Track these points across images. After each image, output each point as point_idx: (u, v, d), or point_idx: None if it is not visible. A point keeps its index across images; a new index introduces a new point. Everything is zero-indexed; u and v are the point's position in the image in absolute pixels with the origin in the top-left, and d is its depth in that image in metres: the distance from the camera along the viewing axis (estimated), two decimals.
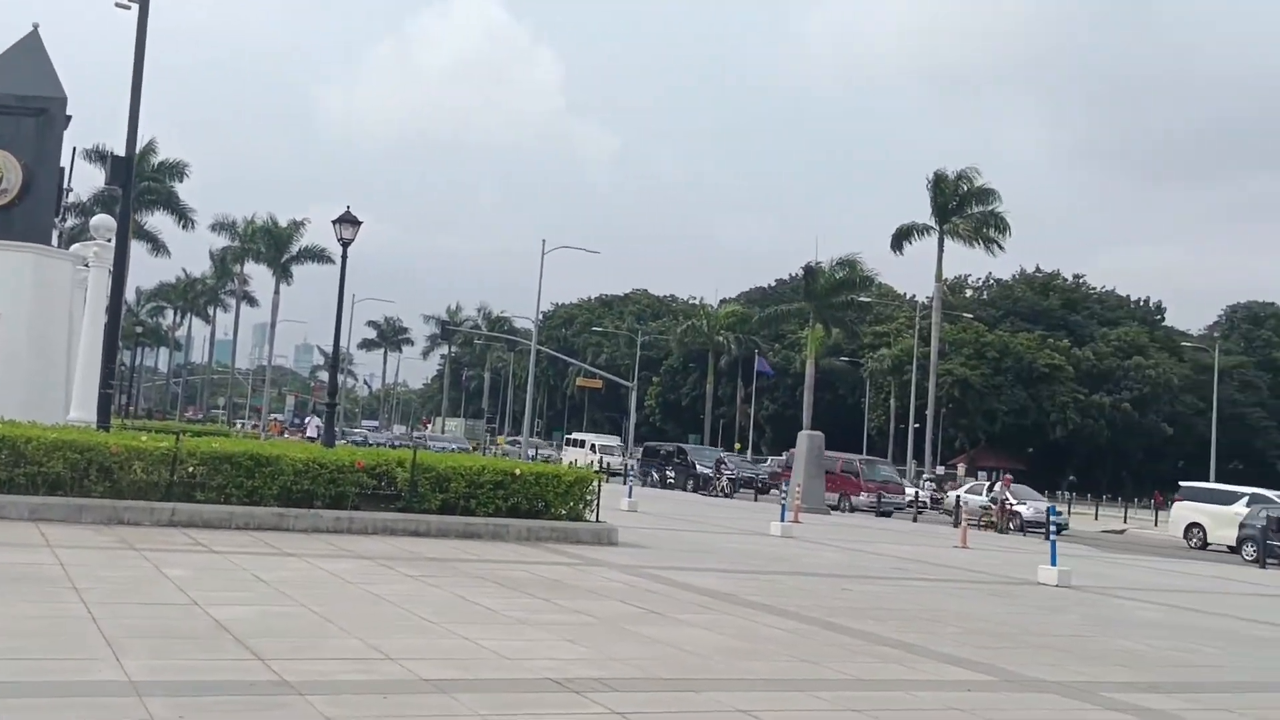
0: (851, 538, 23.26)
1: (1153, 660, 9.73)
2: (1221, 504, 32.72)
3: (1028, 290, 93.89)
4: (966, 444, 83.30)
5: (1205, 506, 33.12)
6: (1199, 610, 14.52)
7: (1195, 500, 34.15)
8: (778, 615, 10.40)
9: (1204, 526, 32.70)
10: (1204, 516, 32.81)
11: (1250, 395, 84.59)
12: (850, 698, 6.98)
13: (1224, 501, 33.00)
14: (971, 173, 54.00)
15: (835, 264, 57.58)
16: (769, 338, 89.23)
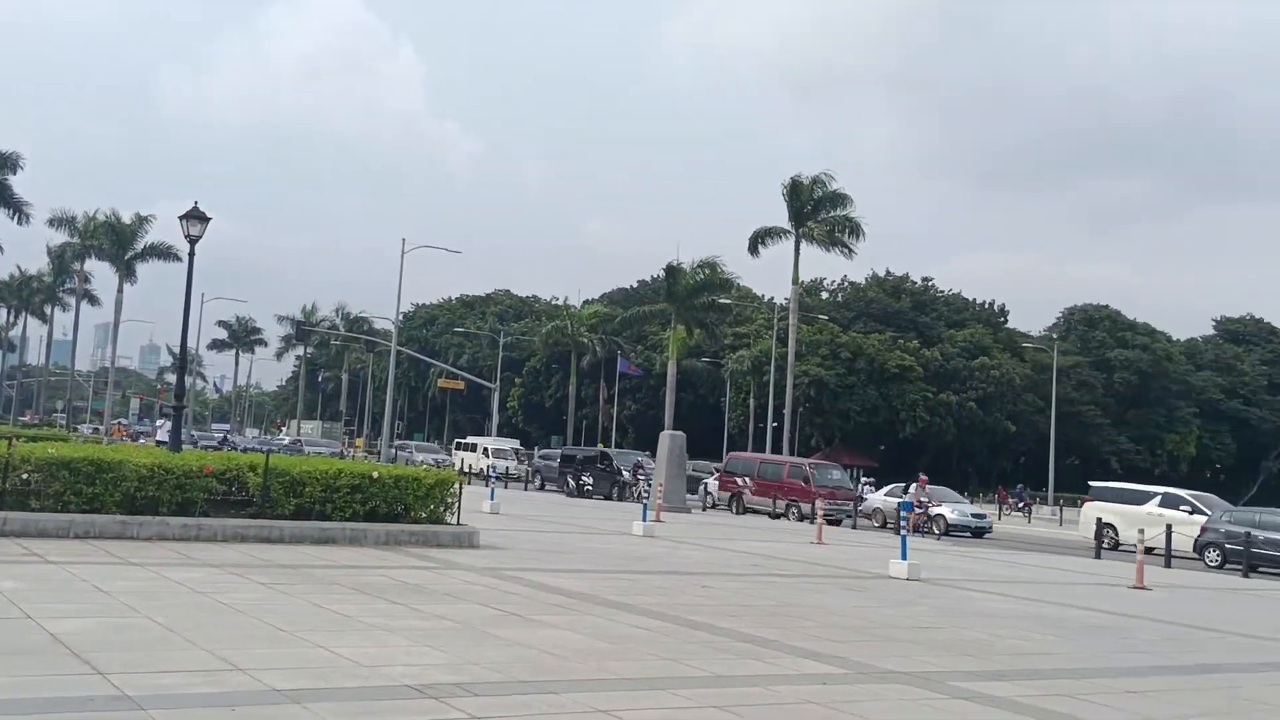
0: (712, 536, 23.55)
1: (998, 649, 10.11)
2: (1133, 504, 31.87)
3: (880, 293, 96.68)
4: (822, 442, 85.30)
5: (1116, 506, 32.17)
6: (1043, 600, 15.16)
7: (1106, 500, 33.25)
8: (639, 614, 10.44)
9: (1115, 527, 31.61)
10: (1115, 516, 31.86)
11: (1085, 394, 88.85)
12: (711, 694, 7.05)
13: (1135, 501, 32.22)
14: (826, 178, 55.26)
15: (696, 265, 58.27)
16: (632, 339, 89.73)
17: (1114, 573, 20.85)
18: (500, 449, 58.77)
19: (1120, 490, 34.64)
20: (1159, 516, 29.70)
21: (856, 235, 55.54)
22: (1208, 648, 11.56)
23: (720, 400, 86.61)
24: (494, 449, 58.17)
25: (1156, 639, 11.89)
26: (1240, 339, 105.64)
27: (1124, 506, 31.86)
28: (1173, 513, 30.27)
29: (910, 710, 7.09)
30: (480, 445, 60.08)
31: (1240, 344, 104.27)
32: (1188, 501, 31.17)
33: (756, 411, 78.27)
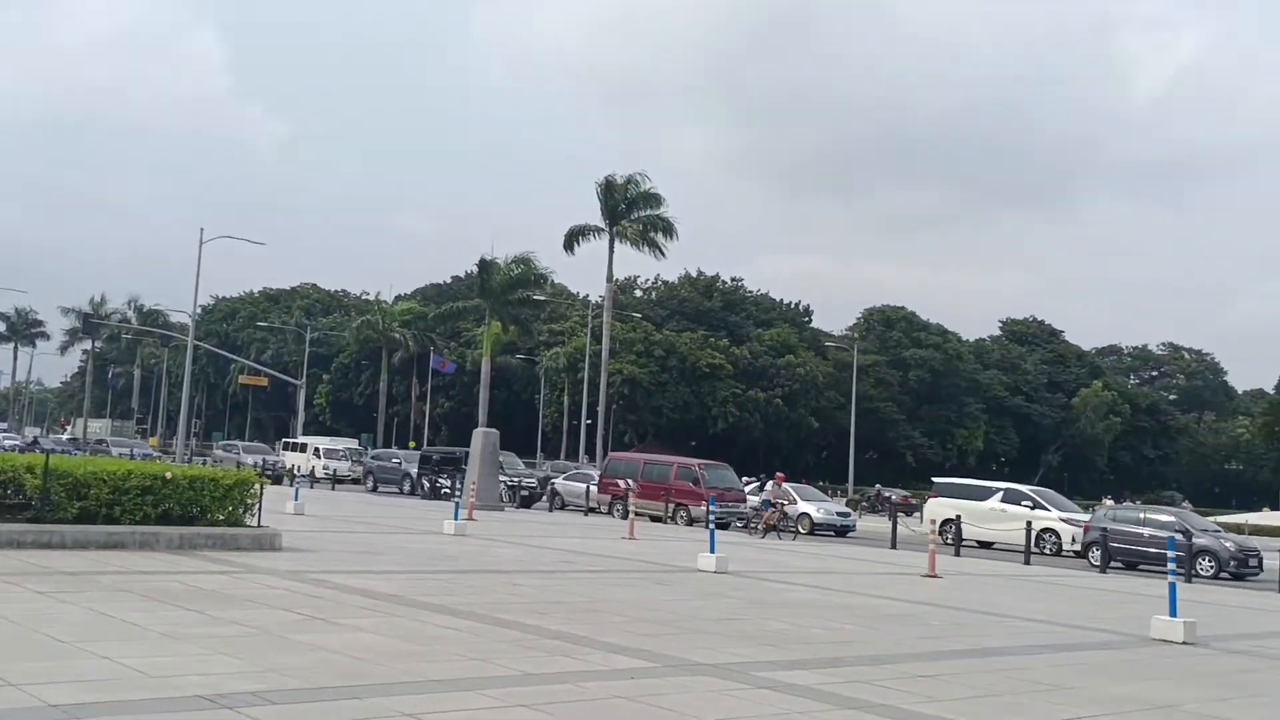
0: (524, 533, 23.47)
1: (801, 639, 10.44)
2: (976, 499, 31.91)
3: (692, 292, 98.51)
4: (635, 439, 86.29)
5: (960, 502, 31.87)
6: (845, 590, 15.75)
7: (949, 496, 33.11)
8: (448, 614, 10.29)
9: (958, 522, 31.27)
10: (958, 512, 30.90)
11: (883, 391, 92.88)
12: (520, 693, 7.01)
13: (978, 497, 32.25)
14: (640, 178, 55.95)
15: (511, 261, 58.00)
16: (446, 335, 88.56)
17: (909, 562, 21.83)
18: (334, 449, 54.84)
19: (963, 486, 34.77)
20: (1002, 511, 30.06)
21: (669, 234, 56.46)
22: (992, 632, 12.24)
23: (535, 397, 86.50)
24: (326, 449, 54.38)
25: (946, 624, 12.52)
26: (1023, 340, 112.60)
27: (967, 502, 31.81)
28: (1015, 508, 30.66)
29: (715, 701, 7.22)
30: (311, 445, 55.72)
31: (1023, 344, 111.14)
32: (1029, 497, 31.64)
33: (571, 409, 78.50)
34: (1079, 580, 20.99)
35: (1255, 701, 8.73)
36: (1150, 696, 8.57)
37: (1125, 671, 9.87)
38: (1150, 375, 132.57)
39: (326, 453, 53.34)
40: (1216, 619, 14.83)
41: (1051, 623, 13.34)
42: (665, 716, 6.68)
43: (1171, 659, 10.87)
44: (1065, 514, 31.39)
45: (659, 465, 35.63)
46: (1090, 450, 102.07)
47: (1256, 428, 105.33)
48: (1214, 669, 10.41)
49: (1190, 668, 10.37)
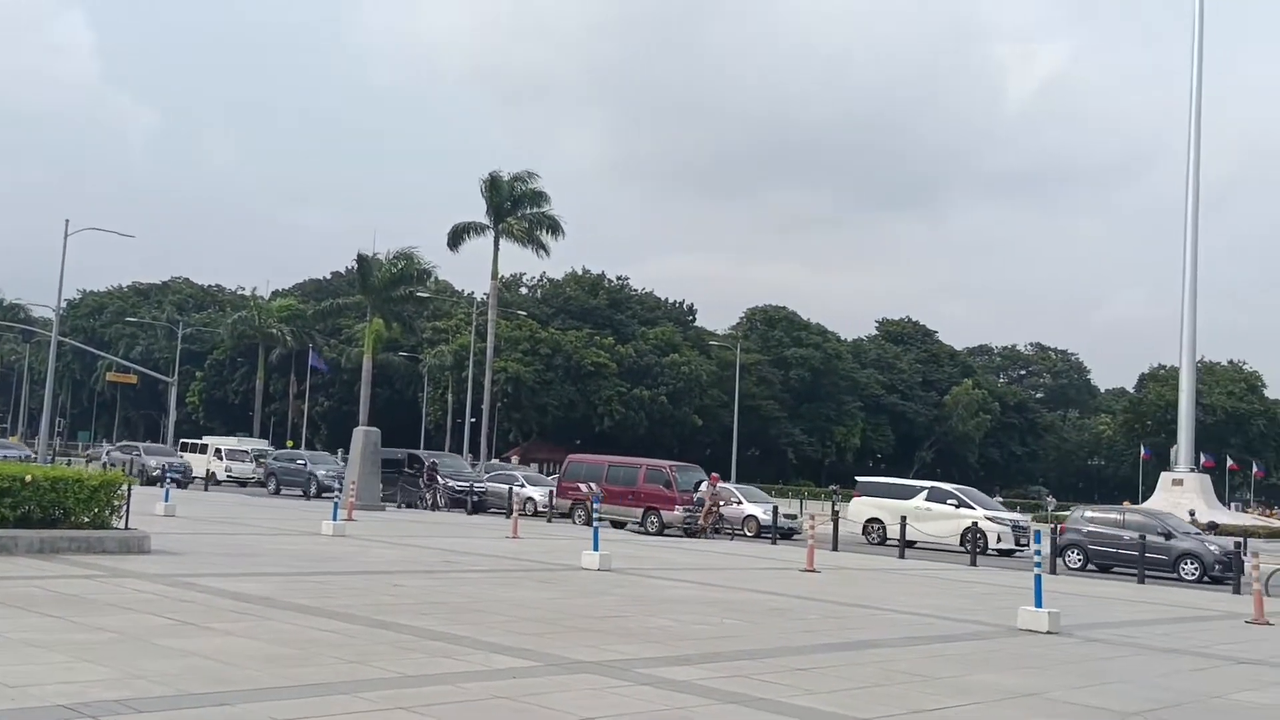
0: (405, 533, 23.14)
1: (683, 635, 10.53)
2: (900, 498, 31.53)
3: (578, 290, 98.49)
4: (520, 437, 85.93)
5: (884, 501, 31.76)
6: (726, 586, 15.93)
7: (873, 495, 32.74)
8: (325, 617, 10.10)
9: (883, 521, 31.26)
10: (882, 511, 31.52)
11: (765, 389, 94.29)
12: (398, 695, 6.92)
13: (903, 496, 31.83)
14: (527, 175, 55.64)
15: (393, 257, 57.05)
16: (325, 331, 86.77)
17: (788, 557, 22.20)
18: (237, 450, 51.35)
19: (887, 485, 34.36)
20: (927, 510, 29.74)
21: (555, 233, 56.29)
22: (868, 625, 12.54)
23: (418, 395, 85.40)
24: (229, 450, 50.94)
25: (822, 618, 12.78)
26: (899, 339, 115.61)
27: (891, 501, 31.58)
28: (940, 506, 30.47)
29: (597, 699, 7.24)
30: (212, 446, 52.17)
31: (899, 344, 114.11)
32: (954, 495, 31.38)
33: (455, 407, 77.72)
34: (954, 574, 21.62)
35: (1112, 687, 9.13)
36: (1015, 685, 8.88)
37: (992, 661, 10.22)
38: (1019, 374, 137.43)
39: (229, 454, 50.32)
40: (1082, 609, 15.45)
41: (925, 615, 13.73)
42: (546, 716, 6.67)
43: (1036, 648, 11.29)
44: (991, 512, 31.12)
45: (625, 467, 33.39)
46: (962, 446, 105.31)
47: (1117, 425, 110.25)
48: (1075, 657, 10.85)
49: (1053, 656, 10.78)
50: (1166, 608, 17.28)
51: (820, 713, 7.26)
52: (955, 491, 32.00)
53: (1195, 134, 51.49)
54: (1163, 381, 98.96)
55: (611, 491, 31.06)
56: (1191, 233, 50.72)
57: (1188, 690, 9.21)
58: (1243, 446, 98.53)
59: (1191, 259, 50.43)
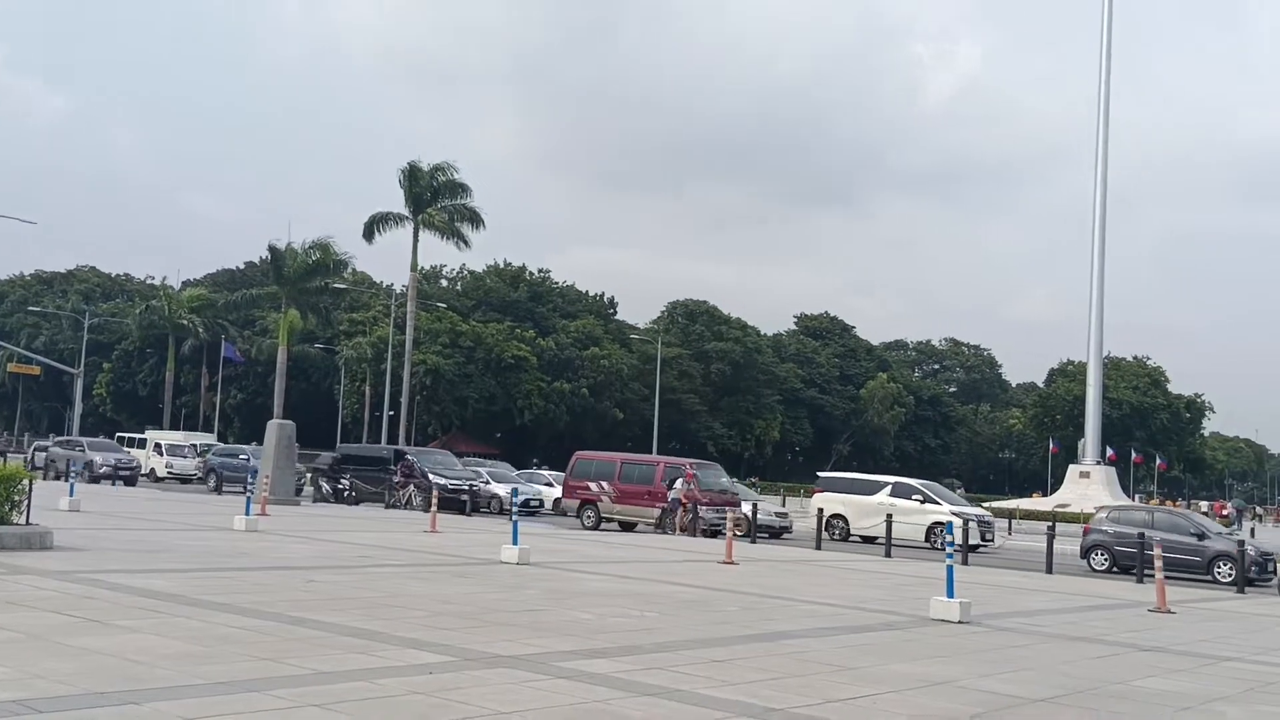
0: (321, 528, 22.79)
1: (601, 628, 10.54)
2: (863, 494, 30.79)
3: (499, 282, 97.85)
4: (440, 430, 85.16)
5: (847, 497, 31.04)
6: (645, 579, 15.97)
7: (836, 491, 31.89)
8: (237, 614, 9.91)
9: (845, 518, 30.77)
10: (846, 507, 30.92)
11: (686, 383, 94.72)
12: (311, 693, 6.82)
13: (866, 491, 31.01)
14: (447, 166, 55.13)
15: (309, 247, 56.09)
16: (238, 322, 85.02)
17: (708, 550, 22.34)
18: (178, 445, 48.66)
19: (850, 480, 33.38)
20: (890, 506, 28.86)
21: (476, 224, 55.89)
22: (784, 616, 12.67)
23: (335, 388, 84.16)
24: (169, 445, 48.20)
25: (740, 610, 12.88)
26: (817, 334, 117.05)
27: (854, 497, 31.02)
28: (904, 502, 29.81)
29: (513, 692, 7.21)
30: (151, 440, 49.67)
31: (818, 339, 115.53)
32: (919, 491, 30.71)
33: (373, 400, 76.72)
34: (870, 565, 21.95)
35: (1020, 675, 9.35)
36: (927, 673, 9.05)
37: (905, 651, 10.40)
38: (933, 369, 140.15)
39: (169, 449, 47.74)
40: (992, 599, 15.79)
41: (841, 606, 13.92)
42: (462, 711, 6.63)
43: (947, 637, 11.52)
44: (956, 507, 30.34)
45: (640, 465, 31.43)
46: (877, 440, 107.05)
47: (1027, 419, 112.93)
48: (985, 645, 11.09)
49: (964, 645, 11.01)
50: (1072, 596, 17.74)
51: (737, 703, 7.32)
52: (920, 487, 31.27)
53: (1103, 137, 52.85)
54: (1071, 377, 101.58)
55: (625, 491, 29.67)
56: (1099, 232, 52.06)
57: (1091, 677, 9.47)
58: (1146, 440, 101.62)
59: (1099, 257, 51.77)
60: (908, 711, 7.45)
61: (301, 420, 44.48)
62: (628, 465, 31.53)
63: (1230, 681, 9.70)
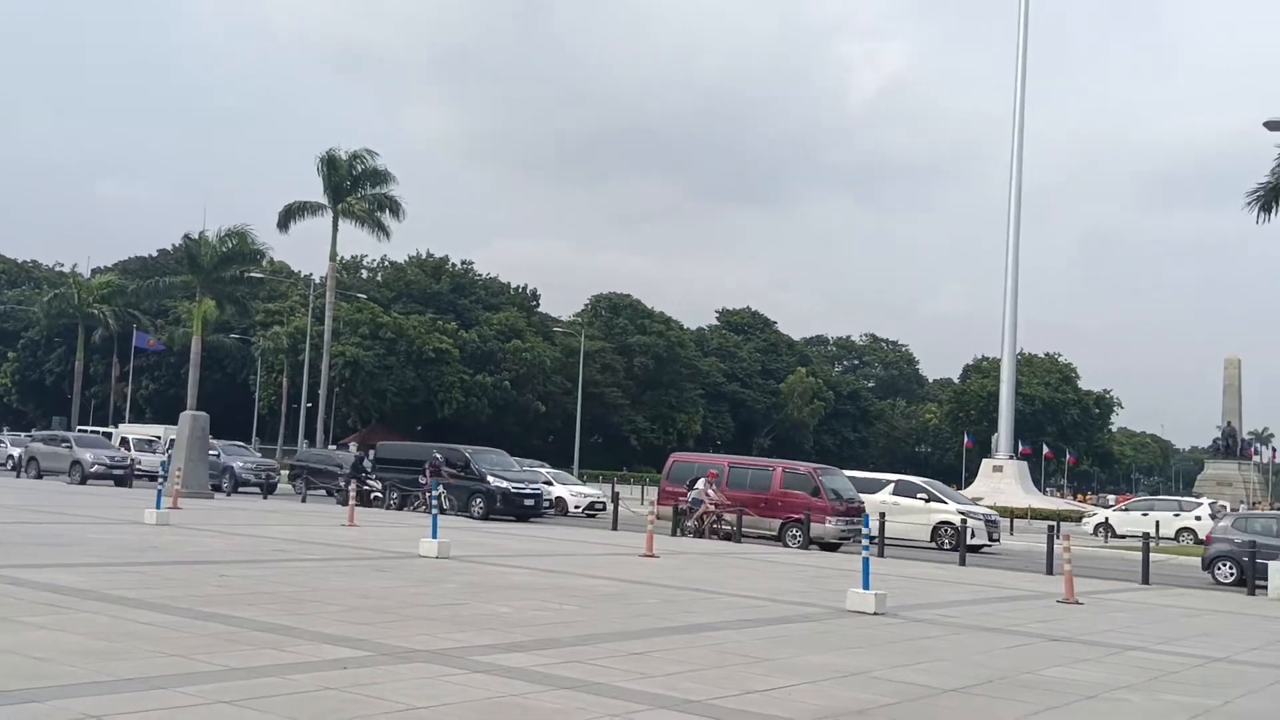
0: (235, 521, 22.37)
1: (520, 621, 10.49)
2: (864, 493, 28.60)
3: (421, 274, 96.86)
4: (359, 423, 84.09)
5: None
6: (566, 572, 15.95)
7: None
8: (145, 609, 9.67)
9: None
10: None
11: (609, 376, 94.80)
12: (221, 689, 6.68)
13: (868, 490, 29.16)
14: (367, 154, 54.27)
15: (224, 235, 54.80)
16: (151, 312, 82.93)
17: (629, 543, 22.38)
18: (145, 440, 45.47)
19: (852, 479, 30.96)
20: (895, 505, 28.11)
21: (397, 214, 55.20)
22: (703, 609, 12.74)
23: (250, 379, 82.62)
24: (137, 440, 44.99)
25: (659, 603, 12.93)
26: (739, 329, 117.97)
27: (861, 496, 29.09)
28: (909, 500, 29.00)
29: (429, 687, 7.15)
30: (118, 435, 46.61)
31: (739, 334, 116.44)
32: (923, 489, 29.79)
33: (290, 392, 75.47)
34: (787, 558, 22.17)
35: (933, 665, 9.52)
36: (843, 664, 9.18)
37: (822, 642, 10.53)
38: (853, 364, 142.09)
39: (136, 444, 44.18)
40: (908, 591, 16.06)
41: (759, 598, 14.05)
42: (377, 706, 6.55)
43: (863, 629, 11.69)
44: (962, 506, 29.84)
45: (754, 469, 28.28)
46: (797, 433, 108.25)
47: (943, 414, 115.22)
48: (900, 636, 11.28)
49: (879, 636, 11.18)
50: (985, 588, 18.12)
51: (654, 696, 7.34)
52: (924, 485, 30.34)
53: (1018, 137, 53.99)
54: (985, 373, 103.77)
55: (734, 499, 26.56)
56: (1014, 231, 53.18)
57: (1002, 666, 9.69)
58: (1057, 435, 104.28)
59: (1013, 256, 52.89)
60: (822, 702, 7.54)
61: (216, 412, 43.57)
62: (737, 469, 28.34)
63: (1134, 670, 9.99)
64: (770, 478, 27.24)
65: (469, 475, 30.72)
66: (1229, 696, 8.88)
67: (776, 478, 27.09)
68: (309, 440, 58.27)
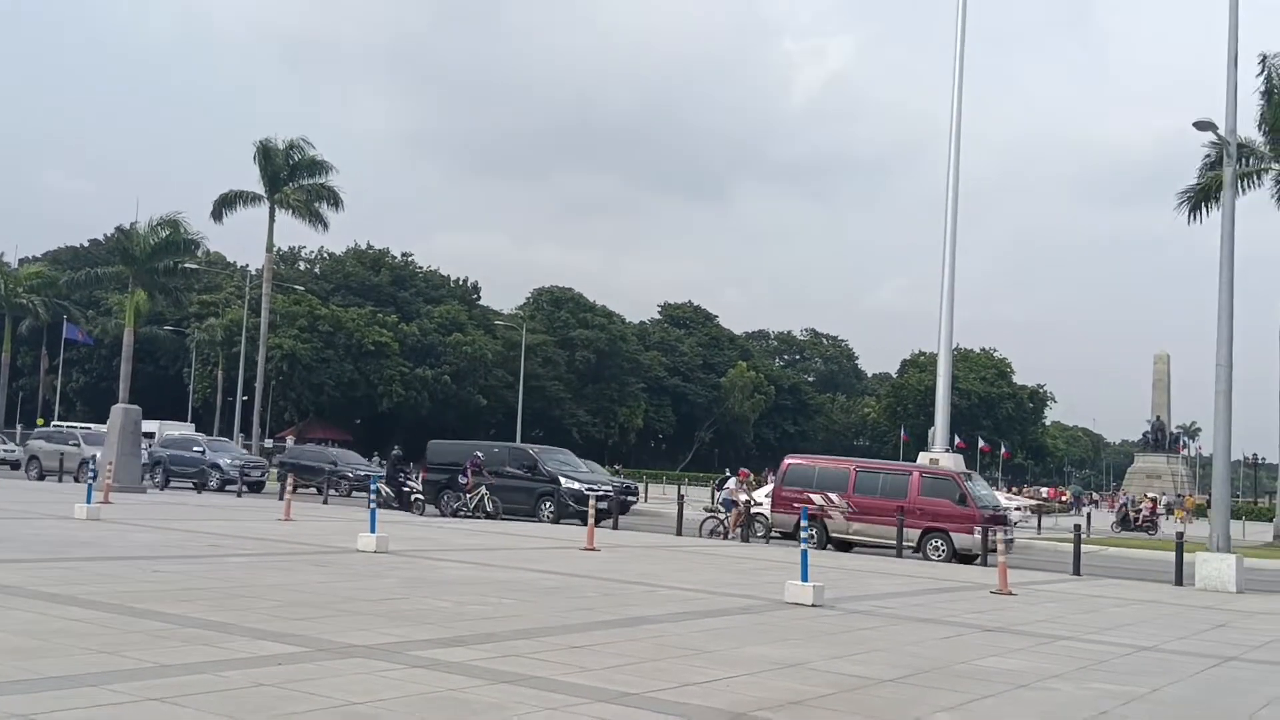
0: (167, 516, 21.97)
1: (459, 616, 10.43)
2: None
3: (359, 266, 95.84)
4: (296, 416, 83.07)
5: None
6: (506, 566, 15.87)
7: None
8: (74, 605, 9.47)
9: None
10: None
11: (550, 370, 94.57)
12: (152, 686, 6.56)
13: None
14: (304, 143, 53.52)
15: (157, 224, 53.65)
16: (82, 303, 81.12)
17: (569, 536, 22.35)
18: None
19: None
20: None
21: (336, 205, 54.52)
22: (643, 602, 12.76)
23: (185, 371, 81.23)
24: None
25: (600, 596, 12.93)
26: (681, 323, 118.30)
27: None
28: None
29: (366, 682, 7.08)
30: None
31: (681, 328, 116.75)
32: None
33: (226, 385, 74.32)
34: (728, 550, 22.28)
35: (870, 656, 9.62)
36: (781, 656, 9.24)
37: (760, 634, 10.60)
38: (794, 359, 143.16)
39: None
40: (846, 583, 16.21)
41: (699, 591, 14.10)
42: (312, 702, 6.47)
43: (802, 620, 11.79)
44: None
45: (886, 474, 26.19)
46: (738, 427, 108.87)
47: (881, 408, 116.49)
48: (837, 628, 11.38)
49: (817, 628, 11.28)
50: (920, 579, 18.36)
51: (594, 689, 7.34)
52: None
53: (956, 136, 54.62)
54: (922, 367, 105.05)
55: (865, 505, 24.73)
56: (951, 227, 53.81)
57: (937, 657, 9.82)
58: (992, 428, 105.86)
59: (950, 252, 53.51)
60: (760, 694, 7.58)
61: (149, 405, 42.63)
62: (866, 474, 26.00)
63: (1065, 659, 10.18)
64: (906, 483, 25.06)
65: (537, 476, 28.89)
66: (1156, 685, 9.08)
67: (914, 483, 24.96)
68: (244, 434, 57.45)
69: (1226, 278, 20.86)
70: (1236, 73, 21.53)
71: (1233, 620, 14.85)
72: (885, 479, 25.68)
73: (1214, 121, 22.26)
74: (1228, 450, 20.89)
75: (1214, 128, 22.56)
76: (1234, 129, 22.26)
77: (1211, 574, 19.58)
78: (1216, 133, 23.02)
